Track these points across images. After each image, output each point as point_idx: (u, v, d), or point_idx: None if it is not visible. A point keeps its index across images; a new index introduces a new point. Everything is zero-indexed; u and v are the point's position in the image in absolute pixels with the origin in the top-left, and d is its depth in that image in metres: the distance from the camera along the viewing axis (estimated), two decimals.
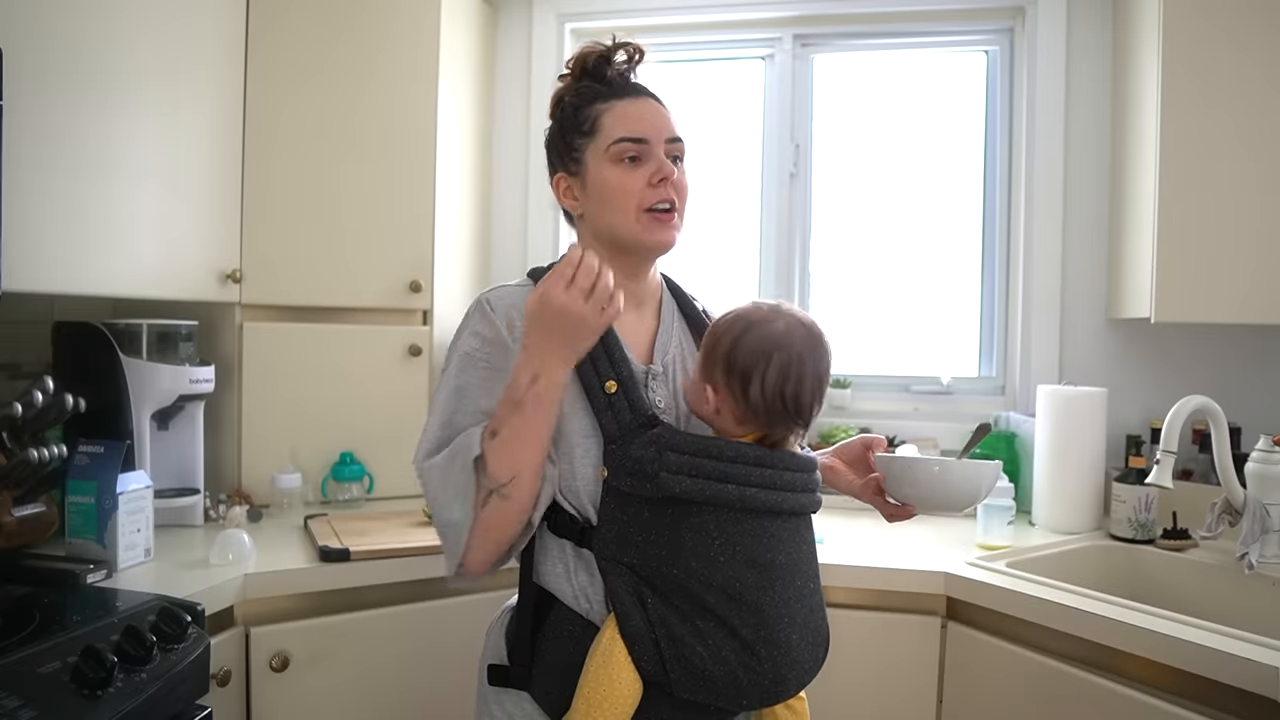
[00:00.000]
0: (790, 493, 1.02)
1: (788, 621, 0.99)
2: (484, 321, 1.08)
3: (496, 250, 2.48)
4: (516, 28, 2.46)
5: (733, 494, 0.98)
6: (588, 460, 1.04)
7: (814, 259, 2.42)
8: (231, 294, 1.90)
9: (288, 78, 1.94)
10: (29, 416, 1.45)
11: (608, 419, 1.03)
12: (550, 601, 1.06)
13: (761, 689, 0.98)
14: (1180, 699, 1.24)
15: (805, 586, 1.03)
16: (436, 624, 1.60)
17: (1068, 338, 2.18)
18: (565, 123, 1.14)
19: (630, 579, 0.99)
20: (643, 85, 1.14)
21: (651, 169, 1.08)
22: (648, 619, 0.97)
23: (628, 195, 1.08)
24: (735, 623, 0.97)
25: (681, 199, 1.11)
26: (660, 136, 1.09)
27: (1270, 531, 1.55)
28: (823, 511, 1.58)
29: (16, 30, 1.36)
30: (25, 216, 1.39)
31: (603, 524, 1.02)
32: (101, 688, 1.06)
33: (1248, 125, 1.74)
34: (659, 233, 1.09)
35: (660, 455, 0.98)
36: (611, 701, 0.96)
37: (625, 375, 1.05)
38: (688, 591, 0.97)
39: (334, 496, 2.00)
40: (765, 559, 0.99)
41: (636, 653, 0.96)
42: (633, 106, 1.10)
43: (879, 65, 2.41)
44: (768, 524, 1.00)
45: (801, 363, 1.01)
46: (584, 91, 1.13)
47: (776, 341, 1.01)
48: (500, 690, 1.08)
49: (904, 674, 1.58)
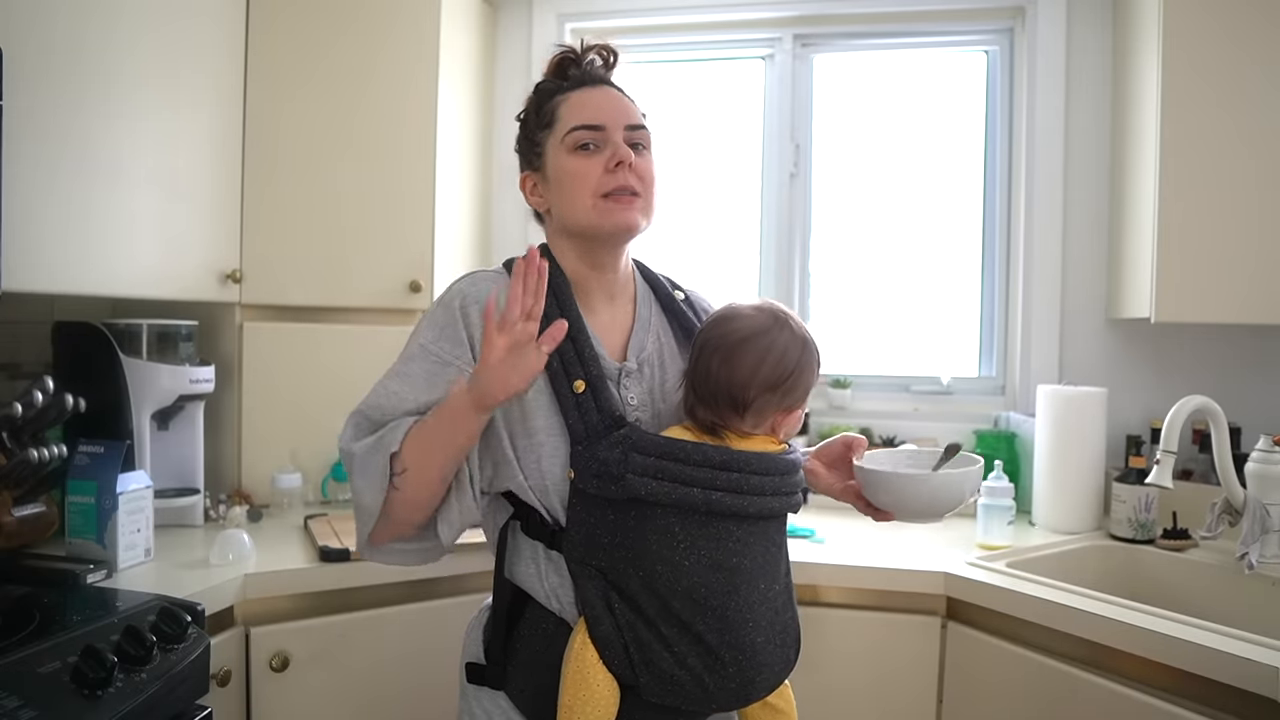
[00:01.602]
0: (757, 496, 0.99)
1: (752, 625, 0.99)
2: (445, 312, 1.08)
3: (496, 250, 2.47)
4: (516, 28, 2.46)
5: (698, 497, 0.97)
6: (556, 461, 1.03)
7: (814, 259, 2.42)
8: (231, 294, 1.90)
9: (288, 78, 1.94)
10: (29, 416, 1.45)
11: (575, 419, 1.02)
12: (524, 600, 1.06)
13: (729, 693, 0.98)
14: (1180, 699, 1.24)
15: (770, 589, 1.02)
16: (436, 624, 1.60)
17: (1068, 338, 2.18)
18: (528, 120, 1.14)
19: (599, 583, 0.99)
20: (602, 75, 1.13)
21: (607, 154, 1.06)
22: (616, 624, 0.97)
23: (585, 181, 1.06)
24: (700, 628, 0.96)
25: (646, 184, 1.08)
26: (618, 123, 1.07)
27: (1270, 531, 1.55)
28: (823, 511, 1.57)
29: (17, 30, 1.36)
30: (25, 216, 1.39)
31: (571, 526, 1.01)
32: (101, 688, 1.06)
33: (1248, 125, 1.74)
34: (617, 215, 1.06)
35: (626, 457, 0.97)
36: (591, 705, 0.96)
37: (594, 375, 1.04)
38: (654, 595, 0.97)
39: (334, 496, 2.00)
40: (730, 563, 0.98)
41: (607, 657, 0.96)
42: (588, 95, 1.10)
43: (879, 65, 2.41)
44: (733, 528, 0.99)
45: (745, 343, 1.01)
46: (544, 89, 1.13)
47: (722, 324, 1.04)
48: (479, 688, 1.09)
49: (904, 674, 1.58)
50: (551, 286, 1.07)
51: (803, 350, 1.03)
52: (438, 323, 1.08)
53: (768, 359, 1.01)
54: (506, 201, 2.47)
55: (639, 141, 1.10)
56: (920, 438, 2.17)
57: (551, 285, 1.07)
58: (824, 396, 2.28)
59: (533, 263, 0.94)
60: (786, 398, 1.03)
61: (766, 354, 1.01)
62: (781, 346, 1.02)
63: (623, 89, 1.14)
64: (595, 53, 1.14)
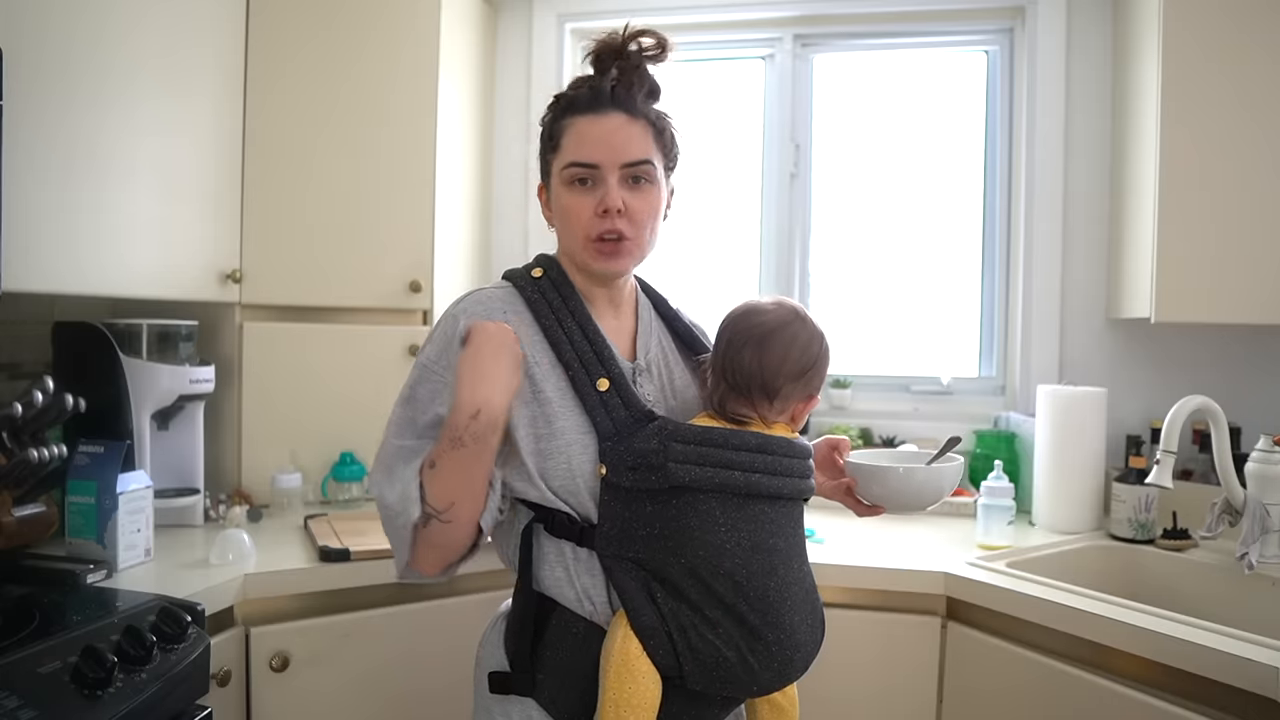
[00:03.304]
0: (789, 478, 1.04)
1: (790, 605, 1.01)
2: (450, 331, 1.07)
3: (496, 250, 2.48)
4: (516, 28, 2.46)
5: (739, 480, 1.00)
6: (585, 458, 1.04)
7: (814, 259, 2.42)
8: (231, 294, 1.90)
9: (288, 79, 1.94)
10: (29, 416, 1.44)
11: (601, 416, 1.04)
12: (550, 606, 1.05)
13: (771, 672, 1.00)
14: (1180, 699, 1.25)
15: (801, 569, 1.06)
16: (436, 624, 1.60)
17: (1068, 338, 2.18)
18: (543, 134, 1.13)
19: (638, 574, 1.00)
20: (621, 96, 1.08)
21: (599, 197, 1.05)
22: (659, 612, 0.98)
23: (576, 219, 1.07)
24: (743, 609, 0.98)
25: (638, 226, 1.07)
26: (614, 161, 1.05)
27: (1270, 531, 1.55)
28: (823, 511, 1.58)
29: (17, 31, 1.36)
30: (25, 216, 1.39)
31: (604, 521, 1.02)
32: (101, 688, 1.06)
33: (1248, 125, 1.74)
34: (603, 262, 1.08)
35: (665, 446, 0.99)
36: (638, 700, 0.96)
37: (616, 373, 1.06)
38: (697, 580, 0.98)
39: (334, 496, 2.00)
40: (768, 544, 1.01)
41: (651, 647, 0.97)
42: (592, 126, 1.06)
43: (879, 65, 2.41)
44: (767, 509, 1.02)
45: (774, 334, 1.07)
46: (559, 103, 1.11)
47: (748, 318, 1.09)
48: (504, 699, 1.07)
49: (904, 674, 1.58)
50: (561, 294, 1.10)
51: (821, 342, 1.11)
52: (440, 344, 1.08)
53: (794, 348, 1.07)
54: (507, 202, 2.47)
55: (639, 175, 1.07)
56: (920, 438, 2.17)
57: (561, 292, 1.10)
58: (824, 396, 2.28)
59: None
60: (808, 385, 1.10)
61: (793, 343, 1.07)
62: (806, 337, 1.08)
63: (637, 110, 1.08)
64: (636, 42, 1.09)
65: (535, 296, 1.10)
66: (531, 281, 1.11)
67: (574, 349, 1.06)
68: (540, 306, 1.09)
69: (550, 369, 1.06)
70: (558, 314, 1.08)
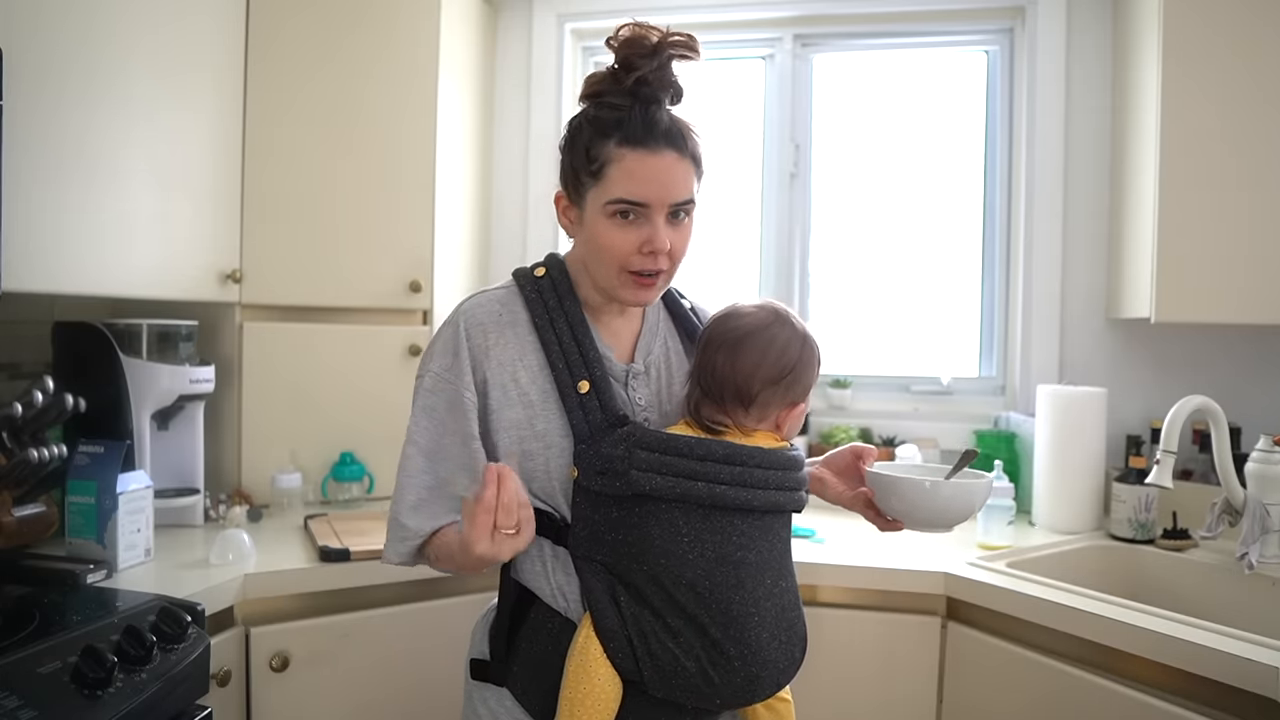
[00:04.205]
0: (761, 490, 1.00)
1: (757, 621, 0.99)
2: (452, 338, 1.07)
3: (496, 250, 2.48)
4: (516, 28, 2.46)
5: (702, 491, 0.98)
6: (562, 460, 1.04)
7: (814, 259, 2.42)
8: (231, 294, 1.90)
9: (287, 79, 1.94)
10: (29, 416, 1.45)
11: (579, 419, 1.03)
12: (530, 598, 1.07)
13: (734, 688, 0.98)
14: (1180, 699, 1.25)
15: (776, 585, 1.02)
16: (436, 624, 1.60)
17: (1068, 338, 2.18)
18: (576, 152, 1.05)
19: (605, 577, 1.00)
20: (670, 132, 1.04)
21: (645, 235, 1.02)
22: (621, 616, 0.97)
23: (615, 252, 1.03)
24: (704, 621, 0.97)
25: (674, 261, 1.06)
26: (664, 200, 1.03)
27: (1270, 531, 1.55)
28: (823, 512, 1.57)
29: (17, 31, 1.36)
30: (25, 216, 1.39)
31: (575, 522, 1.02)
32: (101, 688, 1.06)
33: (1248, 125, 1.74)
34: (635, 294, 1.06)
35: (630, 453, 0.98)
36: (593, 700, 0.96)
37: (599, 375, 1.05)
38: (659, 587, 0.97)
39: (334, 496, 2.00)
40: (735, 557, 0.99)
41: (611, 650, 0.97)
42: (642, 164, 1.02)
43: (879, 65, 2.41)
44: (738, 522, 1.00)
45: (748, 338, 1.04)
46: (602, 121, 1.04)
47: (726, 321, 1.07)
48: (483, 686, 1.10)
49: (904, 674, 1.58)
50: (558, 294, 1.09)
51: (803, 345, 1.06)
52: (448, 349, 1.07)
53: (769, 352, 1.04)
54: (507, 202, 2.48)
55: (682, 210, 1.06)
56: (920, 438, 2.17)
57: (558, 292, 1.09)
58: (824, 396, 2.28)
59: (490, 484, 0.90)
60: (789, 392, 1.05)
61: (768, 348, 1.04)
62: (783, 341, 1.05)
63: (685, 146, 1.05)
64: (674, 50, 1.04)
65: (534, 296, 1.09)
66: (533, 281, 1.11)
67: (561, 350, 1.06)
68: (536, 306, 1.09)
69: (539, 370, 1.06)
70: (552, 315, 1.08)
